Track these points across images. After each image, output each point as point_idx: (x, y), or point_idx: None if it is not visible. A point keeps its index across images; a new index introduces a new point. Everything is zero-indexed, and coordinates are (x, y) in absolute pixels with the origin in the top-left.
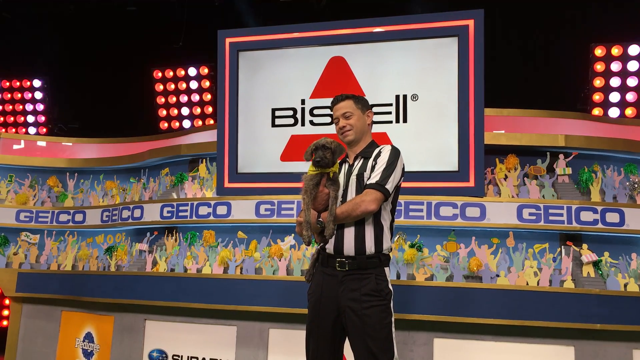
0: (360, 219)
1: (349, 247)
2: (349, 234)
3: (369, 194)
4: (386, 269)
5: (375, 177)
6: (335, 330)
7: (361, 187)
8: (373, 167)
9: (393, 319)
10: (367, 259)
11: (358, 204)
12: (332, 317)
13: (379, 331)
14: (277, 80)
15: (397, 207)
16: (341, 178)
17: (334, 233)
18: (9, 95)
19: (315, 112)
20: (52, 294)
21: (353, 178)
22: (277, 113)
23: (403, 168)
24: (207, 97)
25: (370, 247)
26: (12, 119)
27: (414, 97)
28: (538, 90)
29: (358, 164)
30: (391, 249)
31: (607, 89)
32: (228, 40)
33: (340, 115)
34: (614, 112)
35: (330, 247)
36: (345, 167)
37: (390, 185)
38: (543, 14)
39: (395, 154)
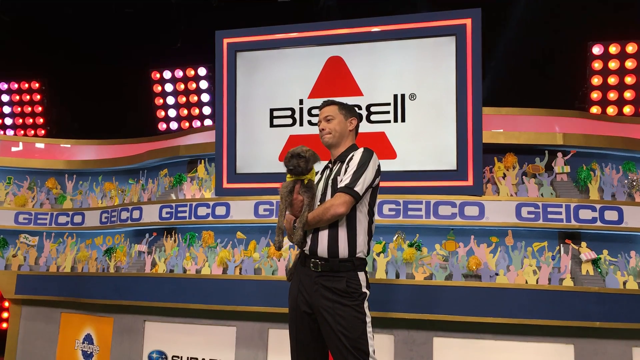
0: (332, 222)
1: (322, 249)
2: (324, 236)
3: (338, 198)
4: (360, 273)
5: (345, 181)
6: (312, 328)
7: (335, 190)
8: (346, 171)
9: (368, 319)
10: (339, 262)
11: (327, 208)
12: (307, 314)
13: (351, 330)
14: (275, 80)
15: (396, 207)
16: (322, 182)
17: (302, 239)
18: (7, 97)
19: (314, 112)
20: (51, 295)
21: (330, 182)
22: (276, 113)
23: (378, 168)
24: (206, 98)
25: (343, 250)
26: (10, 120)
27: (412, 97)
28: (536, 88)
29: (335, 168)
30: (368, 252)
31: (605, 87)
32: (226, 41)
33: (322, 119)
34: (612, 110)
35: (307, 247)
36: (326, 172)
37: (359, 187)
38: (540, 12)
39: (366, 155)
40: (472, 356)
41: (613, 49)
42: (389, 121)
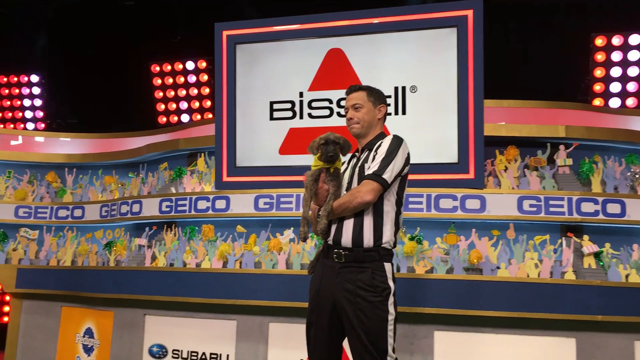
0: (359, 210)
1: (346, 239)
2: (348, 225)
3: (366, 185)
4: (386, 264)
5: (373, 168)
6: (332, 322)
7: (362, 178)
8: (374, 158)
9: (391, 317)
10: (364, 252)
11: (354, 195)
12: (329, 308)
13: (372, 326)
14: (275, 73)
15: None
16: (348, 171)
17: (327, 228)
18: (7, 91)
19: (314, 104)
20: (51, 289)
21: (357, 170)
22: (275, 106)
23: (407, 157)
24: (205, 91)
25: (368, 239)
26: (10, 114)
27: (413, 89)
28: (538, 81)
29: (363, 156)
30: (395, 244)
31: (607, 79)
32: (225, 33)
33: (350, 106)
34: (614, 103)
35: (331, 238)
36: (353, 160)
37: (388, 175)
38: (543, 3)
39: (396, 142)
40: (473, 350)
41: (616, 40)
42: (389, 114)
